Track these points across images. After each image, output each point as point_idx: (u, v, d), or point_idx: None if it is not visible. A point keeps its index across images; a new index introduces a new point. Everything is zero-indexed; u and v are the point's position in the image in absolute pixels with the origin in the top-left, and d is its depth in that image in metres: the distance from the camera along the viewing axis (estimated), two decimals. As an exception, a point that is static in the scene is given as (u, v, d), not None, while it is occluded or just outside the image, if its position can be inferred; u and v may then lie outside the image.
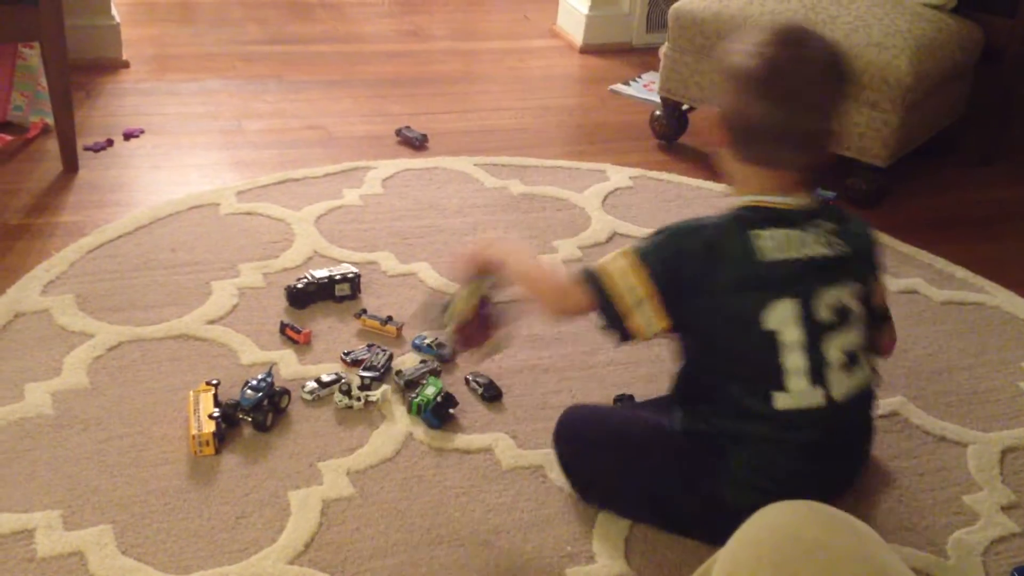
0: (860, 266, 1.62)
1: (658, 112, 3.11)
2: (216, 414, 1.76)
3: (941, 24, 2.78)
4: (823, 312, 1.53)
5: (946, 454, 1.90)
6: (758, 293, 1.52)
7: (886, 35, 2.64)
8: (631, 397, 1.95)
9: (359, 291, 2.21)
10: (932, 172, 3.03)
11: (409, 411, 1.87)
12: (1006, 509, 1.78)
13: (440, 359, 2.02)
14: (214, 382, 1.85)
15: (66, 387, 1.86)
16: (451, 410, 1.87)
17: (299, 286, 2.16)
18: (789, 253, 1.52)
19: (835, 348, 1.53)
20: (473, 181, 2.77)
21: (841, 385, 1.54)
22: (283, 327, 2.07)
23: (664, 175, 2.89)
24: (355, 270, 2.23)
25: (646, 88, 3.49)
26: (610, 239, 2.53)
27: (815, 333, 1.52)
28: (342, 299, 2.19)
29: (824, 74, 1.52)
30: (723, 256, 1.53)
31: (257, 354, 2.00)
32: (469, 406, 1.91)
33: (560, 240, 2.49)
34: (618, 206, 2.69)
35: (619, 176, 2.84)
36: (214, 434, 1.73)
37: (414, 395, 1.88)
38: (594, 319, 1.62)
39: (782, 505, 1.00)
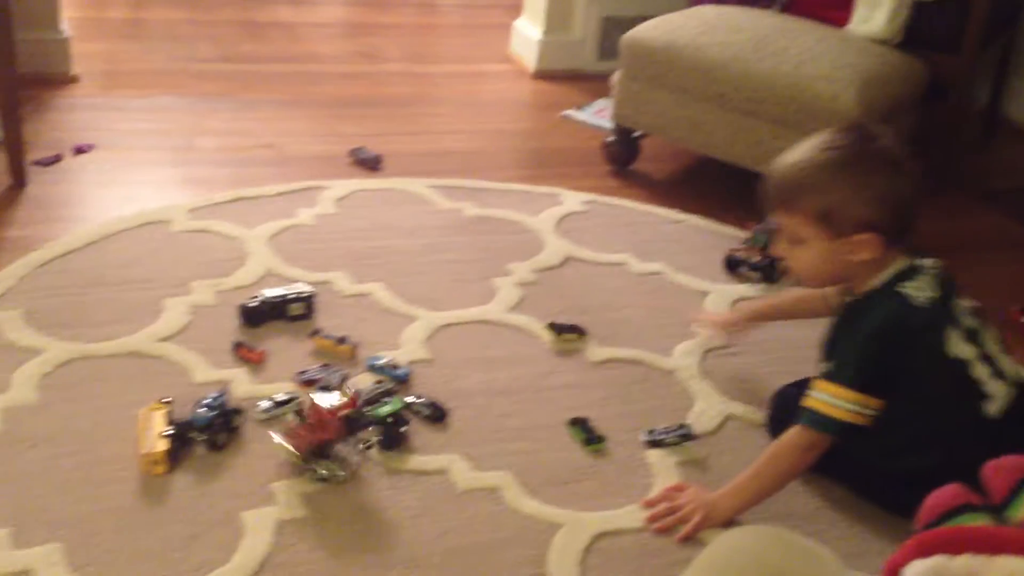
0: (951, 279, 1.78)
1: (610, 138, 3.15)
2: (169, 432, 1.74)
3: (887, 59, 2.86)
4: (967, 322, 1.73)
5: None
6: (933, 335, 1.69)
7: (834, 68, 2.71)
8: (585, 420, 1.97)
9: (313, 311, 2.20)
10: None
11: (363, 428, 1.87)
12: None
13: (395, 380, 2.01)
14: (167, 400, 1.83)
15: (15, 403, 1.83)
16: (400, 429, 1.86)
17: (253, 305, 2.14)
18: (927, 294, 1.70)
19: (991, 343, 1.75)
20: (427, 202, 2.78)
21: (1011, 370, 1.75)
22: (236, 346, 2.05)
23: (616, 200, 2.92)
24: (309, 289, 2.22)
25: (598, 114, 3.53)
26: (563, 263, 2.55)
27: (978, 342, 1.72)
28: (296, 318, 2.18)
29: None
30: (898, 338, 1.69)
31: (210, 373, 1.98)
32: (420, 428, 1.91)
33: (514, 263, 2.51)
34: (571, 230, 2.72)
35: (572, 200, 2.87)
36: (166, 453, 1.71)
37: (366, 410, 1.87)
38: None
39: (746, 530, 1.02)
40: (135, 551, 1.56)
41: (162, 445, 1.71)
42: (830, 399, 1.70)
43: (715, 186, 3.08)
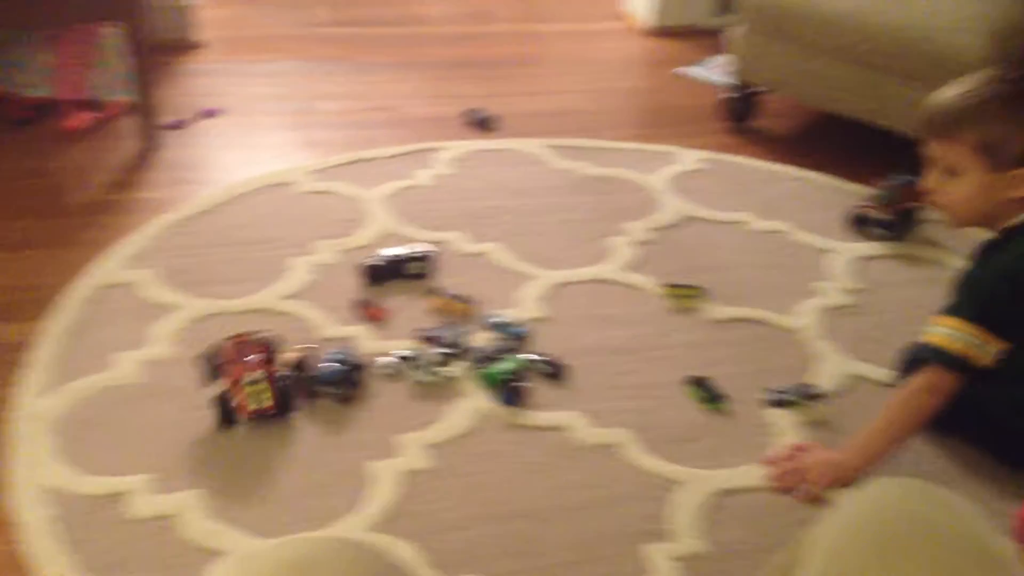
0: None
1: (727, 95, 3.09)
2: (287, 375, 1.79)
3: (1020, 8, 2.73)
4: None
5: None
6: None
7: (964, 18, 2.60)
8: (704, 379, 1.95)
9: (432, 269, 2.24)
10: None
11: (479, 382, 1.90)
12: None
13: (513, 337, 2.04)
14: (312, 346, 1.89)
15: (153, 357, 1.91)
16: (519, 385, 1.88)
17: (374, 263, 2.19)
18: None
19: None
20: (542, 162, 2.78)
21: None
22: (359, 303, 2.10)
23: (734, 158, 2.87)
24: (428, 248, 2.25)
25: (714, 71, 3.47)
26: (680, 222, 2.53)
27: None
28: (415, 277, 2.21)
29: None
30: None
31: (335, 329, 2.03)
32: (539, 385, 1.93)
33: (630, 222, 2.50)
34: (688, 189, 2.68)
35: (688, 159, 2.84)
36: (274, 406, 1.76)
37: (485, 367, 1.90)
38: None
39: (884, 481, 1.00)
40: (268, 498, 1.62)
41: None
42: (949, 332, 1.67)
43: (837, 142, 3.00)
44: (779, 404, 1.91)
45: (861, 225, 2.51)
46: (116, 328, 1.98)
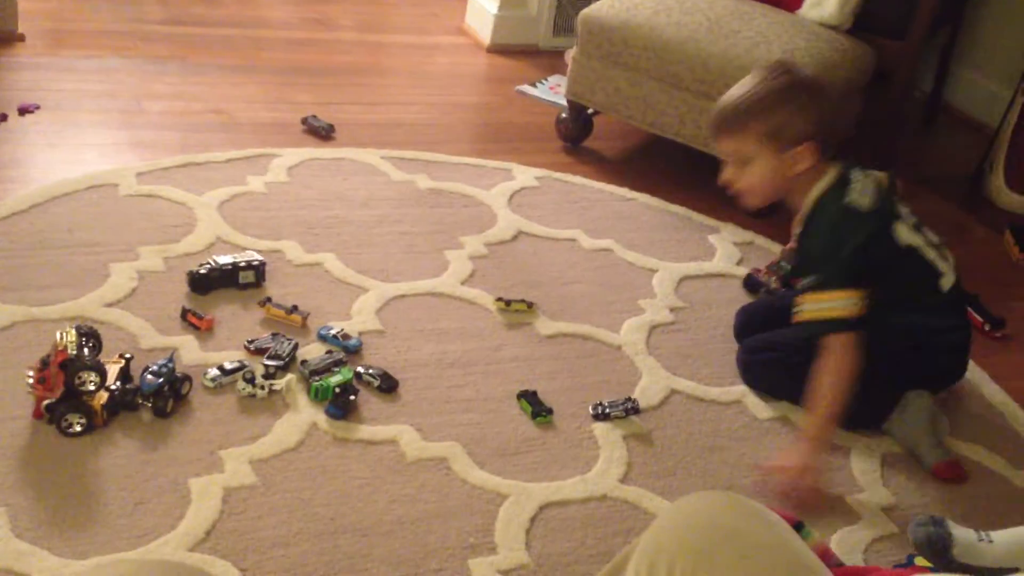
0: (888, 180, 2.05)
1: (563, 115, 3.16)
2: (113, 388, 1.73)
3: (836, 44, 2.91)
4: (910, 219, 2.03)
5: (831, 456, 1.99)
6: (885, 230, 1.98)
7: (784, 52, 2.75)
8: (534, 393, 1.99)
9: (263, 279, 2.19)
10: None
11: (309, 395, 1.87)
12: (886, 510, 1.88)
13: (346, 350, 2.02)
14: (127, 356, 1.82)
15: (-44, 367, 1.80)
16: (349, 399, 1.87)
17: (202, 272, 2.13)
18: (869, 198, 1.96)
19: (932, 234, 2.06)
20: (380, 173, 2.77)
21: (950, 260, 2.07)
22: (184, 312, 2.04)
23: (568, 176, 2.94)
24: (260, 258, 2.21)
25: (552, 90, 3.54)
26: (515, 237, 2.56)
27: (920, 231, 2.03)
28: (246, 287, 2.17)
29: None
30: (857, 235, 1.92)
31: (157, 339, 1.97)
32: (371, 398, 1.92)
33: (466, 236, 2.52)
34: (523, 205, 2.73)
35: (525, 176, 2.88)
36: (104, 406, 1.70)
37: (316, 380, 1.88)
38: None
39: (700, 495, 1.05)
40: (79, 517, 1.55)
41: (101, 399, 1.70)
42: (843, 303, 1.90)
43: (665, 165, 3.11)
44: (604, 418, 1.96)
45: (754, 289, 2.52)
46: (-84, 335, 1.86)
